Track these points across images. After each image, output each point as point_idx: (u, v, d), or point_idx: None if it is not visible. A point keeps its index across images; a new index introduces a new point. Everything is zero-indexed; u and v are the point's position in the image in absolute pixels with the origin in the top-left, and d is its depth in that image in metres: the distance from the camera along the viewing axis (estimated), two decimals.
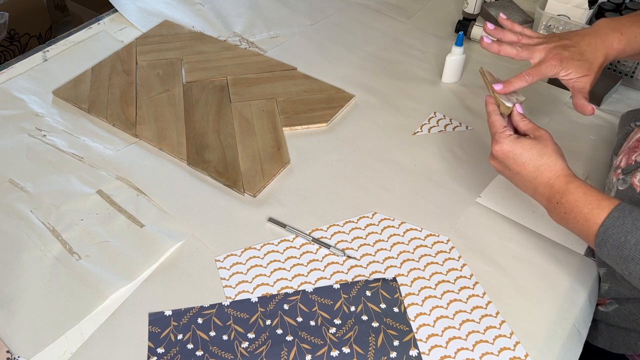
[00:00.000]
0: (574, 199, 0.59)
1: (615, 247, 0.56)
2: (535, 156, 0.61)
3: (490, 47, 0.70)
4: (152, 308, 0.65)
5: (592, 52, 0.68)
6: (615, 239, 0.56)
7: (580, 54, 0.68)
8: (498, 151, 0.63)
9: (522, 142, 0.62)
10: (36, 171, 0.81)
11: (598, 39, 0.69)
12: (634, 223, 0.55)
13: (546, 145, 0.62)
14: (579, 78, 0.68)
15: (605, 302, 0.69)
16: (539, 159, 0.61)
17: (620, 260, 0.56)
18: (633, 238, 0.55)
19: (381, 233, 0.73)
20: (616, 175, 0.69)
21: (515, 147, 0.62)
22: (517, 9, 1.11)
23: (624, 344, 0.66)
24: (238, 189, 0.78)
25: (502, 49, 0.70)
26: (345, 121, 0.89)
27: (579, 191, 0.59)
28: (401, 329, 0.63)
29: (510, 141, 0.62)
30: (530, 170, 0.61)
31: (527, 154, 0.61)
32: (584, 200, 0.58)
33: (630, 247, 0.55)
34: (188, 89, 0.94)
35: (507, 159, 0.63)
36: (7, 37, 1.82)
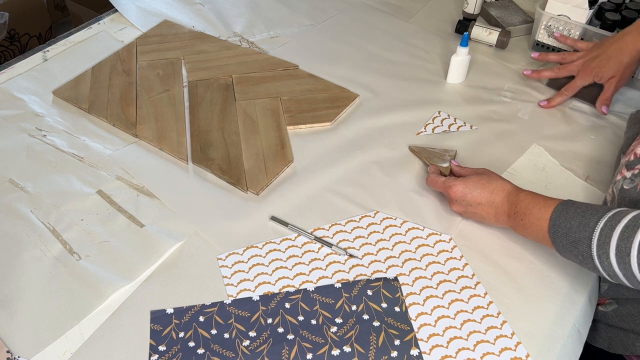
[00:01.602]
0: (525, 204, 0.64)
1: (564, 235, 0.59)
2: (486, 184, 0.69)
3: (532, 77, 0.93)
4: (153, 307, 0.65)
5: (618, 55, 0.83)
6: (562, 227, 0.60)
7: (607, 60, 0.84)
8: (455, 193, 0.70)
9: (470, 178, 0.70)
10: (36, 171, 0.81)
11: (623, 41, 0.83)
12: (576, 210, 0.60)
13: (489, 174, 0.70)
14: (608, 80, 0.85)
15: (604, 302, 0.69)
16: (489, 185, 0.68)
17: (570, 246, 0.59)
18: (576, 222, 0.58)
19: (383, 232, 0.72)
20: (622, 174, 0.69)
21: (467, 184, 0.69)
22: (517, 9, 1.11)
23: (622, 345, 0.66)
24: (241, 186, 0.78)
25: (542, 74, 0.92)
26: (349, 120, 0.89)
27: (528, 197, 0.65)
28: (402, 329, 0.63)
29: (460, 182, 0.70)
30: (487, 196, 0.68)
31: (478, 186, 0.69)
32: (533, 203, 0.64)
33: (575, 230, 0.58)
34: (193, 87, 0.94)
35: (465, 197, 0.69)
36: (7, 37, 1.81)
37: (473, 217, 0.71)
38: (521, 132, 0.87)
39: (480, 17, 1.12)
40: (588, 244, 0.57)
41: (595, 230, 0.56)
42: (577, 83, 0.86)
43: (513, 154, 0.83)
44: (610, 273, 0.56)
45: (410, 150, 0.82)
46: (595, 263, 0.57)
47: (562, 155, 0.83)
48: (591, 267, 0.58)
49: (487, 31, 1.03)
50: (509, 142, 0.85)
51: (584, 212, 0.59)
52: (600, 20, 0.97)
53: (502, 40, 1.02)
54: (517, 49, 1.04)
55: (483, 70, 0.99)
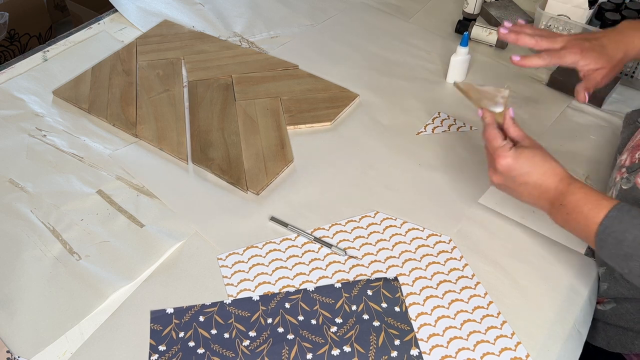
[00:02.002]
0: (576, 199, 0.59)
1: (615, 245, 0.56)
2: (539, 163, 0.61)
3: (508, 37, 0.70)
4: (153, 307, 0.65)
5: (612, 47, 0.70)
6: (614, 236, 0.56)
7: (601, 47, 0.69)
8: (503, 165, 0.62)
9: (525, 152, 0.62)
10: (36, 171, 0.81)
11: (620, 35, 0.71)
12: (632, 221, 0.55)
13: (543, 152, 0.63)
14: (596, 70, 0.69)
15: (603, 301, 0.69)
16: (542, 165, 0.61)
17: (619, 258, 0.56)
18: (631, 235, 0.55)
19: (383, 232, 0.72)
20: (620, 174, 0.69)
21: (519, 158, 0.61)
22: (517, 9, 1.11)
23: (621, 343, 0.66)
24: (241, 186, 0.78)
25: (520, 38, 0.69)
26: (349, 120, 0.89)
27: (580, 192, 0.59)
28: (402, 329, 0.63)
29: (513, 154, 0.62)
30: (536, 177, 0.61)
31: (530, 163, 0.61)
32: (584, 200, 0.59)
33: (629, 244, 0.55)
34: (193, 87, 0.94)
35: (513, 171, 0.62)
36: (7, 37, 1.81)
37: (510, 192, 0.65)
38: None
39: (480, 17, 1.12)
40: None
41: None
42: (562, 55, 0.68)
43: None
44: None
45: (456, 86, 0.71)
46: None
47: (561, 155, 0.82)
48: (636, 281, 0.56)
49: (487, 31, 1.03)
50: None
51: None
52: (600, 20, 0.97)
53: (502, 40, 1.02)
54: (517, 49, 1.04)
55: (483, 70, 0.99)
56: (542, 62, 0.69)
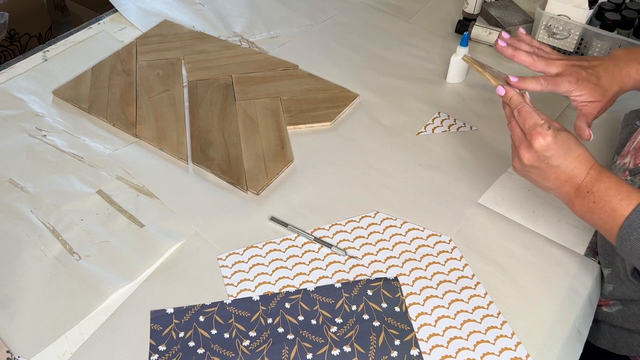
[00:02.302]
0: (605, 187, 0.57)
1: (638, 241, 0.54)
2: (574, 147, 0.59)
3: (505, 51, 0.68)
4: (153, 307, 0.65)
5: (608, 79, 0.67)
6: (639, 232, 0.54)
7: (597, 78, 0.67)
8: (542, 144, 0.58)
9: (562, 134, 0.59)
10: (36, 171, 0.81)
11: (616, 67, 0.68)
12: None
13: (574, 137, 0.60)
14: (590, 102, 0.67)
15: (608, 303, 0.69)
16: (577, 150, 0.59)
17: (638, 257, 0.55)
18: None
19: (383, 232, 0.72)
20: (624, 177, 0.69)
21: (558, 139, 0.58)
22: (517, 9, 1.11)
23: (627, 346, 0.66)
24: (241, 186, 0.78)
25: (517, 55, 0.68)
26: (349, 120, 0.89)
27: (611, 180, 0.57)
28: (402, 329, 0.63)
29: (553, 133, 0.59)
30: (570, 161, 0.59)
31: (566, 145, 0.59)
32: (615, 189, 0.56)
33: None
34: (193, 87, 0.95)
35: (550, 151, 0.59)
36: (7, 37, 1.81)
37: (535, 175, 0.62)
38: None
39: (480, 17, 1.12)
40: None
41: None
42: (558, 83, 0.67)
43: None
44: None
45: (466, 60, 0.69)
46: None
47: None
48: None
49: (487, 31, 1.03)
50: (509, 142, 0.85)
51: None
52: (600, 20, 0.97)
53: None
54: None
55: None
56: (539, 87, 0.67)
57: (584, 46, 0.97)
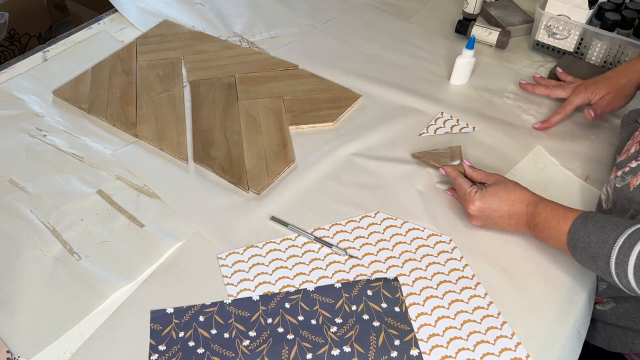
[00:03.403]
0: (544, 217, 0.64)
1: (583, 249, 0.60)
2: (504, 196, 0.68)
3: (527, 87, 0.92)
4: (153, 307, 0.65)
5: (616, 76, 0.82)
6: (581, 242, 0.60)
7: (604, 79, 0.83)
8: (474, 209, 0.69)
9: (489, 191, 0.68)
10: (36, 171, 0.81)
11: (623, 66, 0.83)
12: (595, 225, 0.59)
13: (506, 184, 0.69)
14: (602, 96, 0.82)
15: (602, 300, 0.69)
16: (508, 197, 0.67)
17: (589, 261, 0.60)
18: (594, 237, 0.58)
19: (383, 232, 0.72)
20: (614, 173, 0.70)
21: (486, 198, 0.68)
22: (517, 9, 1.11)
23: (621, 343, 0.66)
24: (242, 186, 0.78)
25: (536, 89, 0.90)
26: (352, 121, 0.89)
27: (547, 210, 0.65)
28: (402, 329, 0.63)
29: (479, 196, 0.68)
30: (507, 209, 0.67)
31: (497, 198, 0.68)
32: (552, 216, 0.64)
33: (594, 246, 0.58)
34: (196, 86, 0.95)
35: (485, 211, 0.68)
36: (7, 37, 1.81)
37: (493, 228, 0.71)
38: (524, 134, 0.87)
39: (480, 17, 1.12)
40: (607, 260, 0.57)
41: (614, 248, 0.56)
42: (571, 101, 0.83)
43: (516, 156, 0.83)
44: (629, 289, 0.57)
45: (414, 157, 0.81)
46: (614, 279, 0.58)
47: (562, 155, 0.83)
48: (610, 281, 0.59)
49: (487, 31, 1.03)
50: (511, 143, 0.85)
51: (603, 228, 0.58)
52: (600, 20, 0.97)
53: (502, 40, 1.02)
54: (517, 49, 1.04)
55: (484, 71, 0.99)
56: (561, 117, 0.85)
57: (584, 46, 0.97)
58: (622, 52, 0.93)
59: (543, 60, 1.02)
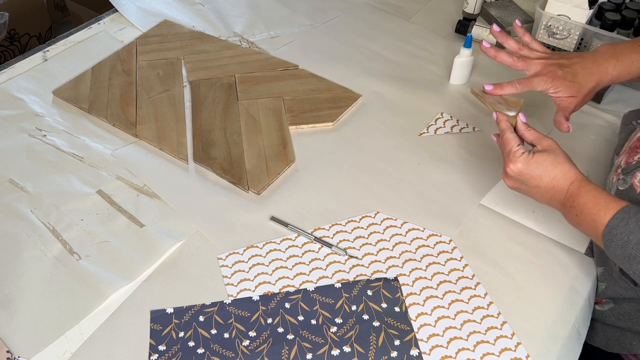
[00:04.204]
0: (584, 202, 0.61)
1: (620, 247, 0.57)
2: (550, 167, 0.63)
3: (488, 52, 0.72)
4: (153, 307, 0.65)
5: (585, 75, 0.71)
6: (619, 238, 0.57)
7: (573, 75, 0.70)
8: (514, 170, 0.64)
9: (535, 157, 0.63)
10: (36, 171, 0.81)
11: (594, 64, 0.71)
12: (637, 223, 0.56)
13: (557, 155, 0.64)
14: (566, 97, 0.71)
15: (601, 301, 0.69)
16: (553, 170, 0.63)
17: (624, 260, 0.57)
18: (635, 237, 0.56)
19: (383, 233, 0.72)
20: (616, 175, 0.70)
21: (530, 163, 0.63)
22: (517, 9, 1.11)
23: (619, 344, 0.66)
24: (242, 186, 0.78)
25: (498, 55, 0.72)
26: (352, 121, 0.89)
27: (590, 194, 0.61)
28: (402, 329, 0.63)
29: (524, 159, 0.64)
30: (547, 181, 0.63)
31: (541, 167, 0.63)
32: (593, 202, 0.60)
33: (633, 246, 0.56)
34: (196, 86, 0.95)
35: (523, 176, 0.64)
36: (7, 37, 1.81)
37: (524, 193, 0.67)
38: None
39: (480, 17, 1.12)
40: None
41: None
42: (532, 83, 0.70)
43: None
44: None
45: (472, 93, 0.74)
46: None
47: None
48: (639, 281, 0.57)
49: (487, 31, 1.03)
50: None
51: None
52: (600, 20, 0.97)
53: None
54: None
55: (485, 71, 0.99)
56: (515, 90, 0.71)
57: (584, 46, 0.97)
58: None
59: None
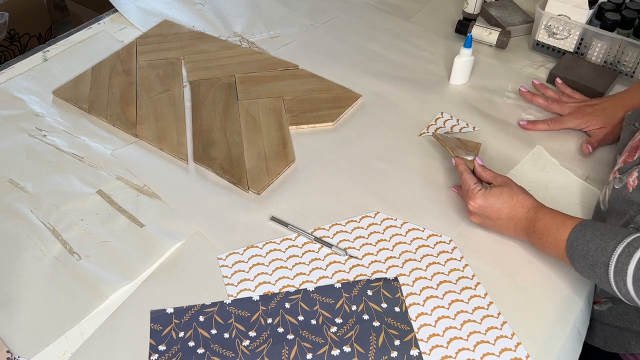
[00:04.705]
0: (543, 224, 0.64)
1: (581, 257, 0.59)
2: (507, 199, 0.68)
3: (525, 95, 0.90)
4: (153, 307, 0.65)
5: (613, 108, 0.81)
6: (580, 249, 0.59)
7: (601, 111, 0.82)
8: (474, 206, 0.69)
9: (492, 192, 0.68)
10: (36, 171, 0.81)
11: (621, 98, 0.82)
12: (594, 232, 0.59)
13: (511, 187, 0.69)
14: (597, 129, 0.82)
15: (600, 300, 0.69)
16: (510, 200, 0.67)
17: (588, 269, 0.59)
18: (593, 245, 0.58)
19: (383, 233, 0.72)
20: (614, 174, 0.70)
21: (488, 198, 0.68)
22: (517, 9, 1.11)
23: (617, 343, 0.66)
24: (242, 186, 0.78)
25: (534, 99, 0.89)
26: (352, 121, 0.89)
27: (547, 216, 0.64)
28: (402, 329, 0.63)
29: (482, 194, 0.69)
30: (507, 212, 0.68)
31: (499, 200, 0.68)
32: (551, 222, 0.64)
33: (592, 254, 0.58)
34: (196, 86, 0.95)
35: (485, 210, 0.69)
36: (7, 37, 1.81)
37: (491, 228, 0.71)
38: (524, 134, 0.86)
39: (480, 17, 1.12)
40: (605, 269, 0.57)
41: (613, 256, 0.56)
42: (564, 121, 0.83)
43: (516, 155, 0.83)
44: (628, 298, 0.57)
45: (433, 136, 0.78)
46: (612, 288, 0.57)
47: (562, 155, 0.83)
48: (609, 290, 0.58)
49: (487, 31, 1.03)
50: (511, 143, 0.85)
51: (602, 236, 0.58)
52: (600, 20, 0.97)
53: (502, 40, 1.02)
54: (518, 49, 1.04)
55: (485, 71, 0.99)
56: (547, 128, 0.85)
57: (584, 46, 0.97)
58: (622, 52, 0.93)
59: (543, 60, 1.02)
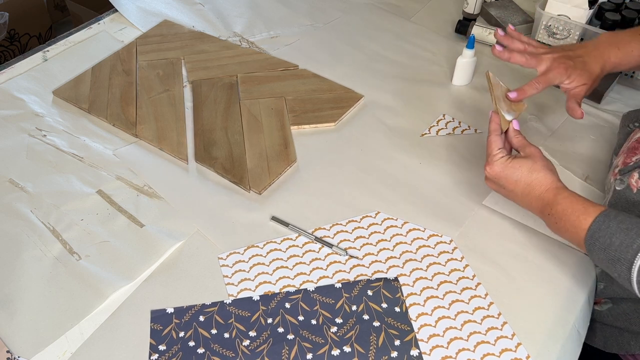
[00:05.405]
0: (562, 209, 0.62)
1: (602, 250, 0.57)
2: (526, 173, 0.65)
3: (501, 55, 0.76)
4: (153, 307, 0.65)
5: (592, 63, 0.74)
6: (601, 241, 0.57)
7: (582, 64, 0.74)
8: (490, 172, 0.67)
9: (513, 162, 0.66)
10: (36, 171, 0.81)
11: (597, 51, 0.75)
12: (619, 225, 0.57)
13: (535, 161, 0.65)
14: (578, 86, 0.74)
15: (600, 301, 0.69)
16: (529, 176, 0.65)
17: (608, 263, 0.58)
18: (617, 240, 0.56)
19: (384, 233, 0.72)
20: (614, 176, 0.70)
21: (506, 168, 0.66)
22: (517, 9, 1.11)
23: (617, 344, 0.66)
24: (244, 186, 0.78)
25: (512, 57, 0.76)
26: (354, 121, 0.89)
27: (566, 201, 0.62)
28: (402, 329, 0.63)
29: (501, 163, 0.66)
30: (522, 187, 0.65)
31: (517, 173, 0.65)
32: (571, 209, 0.61)
33: (615, 249, 0.56)
34: (197, 86, 0.94)
35: (500, 179, 0.67)
36: (7, 37, 1.81)
37: (505, 197, 0.69)
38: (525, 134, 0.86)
39: (480, 17, 1.12)
40: (628, 267, 0.55)
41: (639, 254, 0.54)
42: (550, 78, 0.73)
43: None
44: None
45: (486, 76, 0.75)
46: (632, 286, 0.55)
47: (561, 155, 0.83)
48: (627, 287, 0.56)
49: (487, 31, 1.03)
50: None
51: (628, 230, 0.55)
52: (600, 20, 0.97)
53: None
54: None
55: (484, 70, 0.99)
56: (536, 91, 0.75)
57: None
58: None
59: None
